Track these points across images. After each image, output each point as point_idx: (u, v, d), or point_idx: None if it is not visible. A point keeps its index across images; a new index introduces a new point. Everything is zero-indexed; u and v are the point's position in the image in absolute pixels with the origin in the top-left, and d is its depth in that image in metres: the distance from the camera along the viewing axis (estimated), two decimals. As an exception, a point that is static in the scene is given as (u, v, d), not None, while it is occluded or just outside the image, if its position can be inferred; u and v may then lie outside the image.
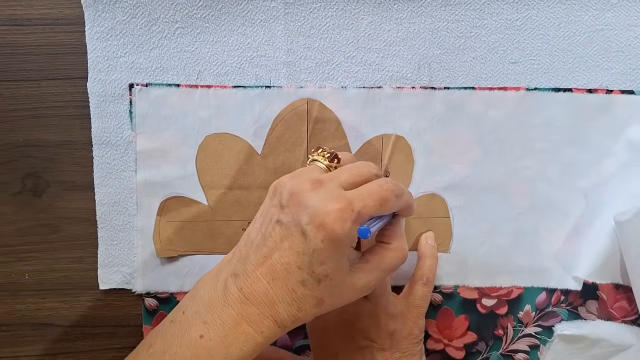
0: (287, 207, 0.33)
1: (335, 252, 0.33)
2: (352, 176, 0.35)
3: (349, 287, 0.35)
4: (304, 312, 0.33)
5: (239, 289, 0.33)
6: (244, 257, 0.34)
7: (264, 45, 0.43)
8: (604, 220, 0.44)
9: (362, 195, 0.33)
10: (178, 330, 0.34)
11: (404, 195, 0.36)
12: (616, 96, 0.44)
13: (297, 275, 0.33)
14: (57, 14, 0.42)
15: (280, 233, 0.33)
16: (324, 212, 0.32)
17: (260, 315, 0.33)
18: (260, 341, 0.33)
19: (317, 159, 0.37)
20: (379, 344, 0.40)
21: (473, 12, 0.43)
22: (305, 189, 0.33)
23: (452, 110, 0.44)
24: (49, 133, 0.43)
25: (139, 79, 0.42)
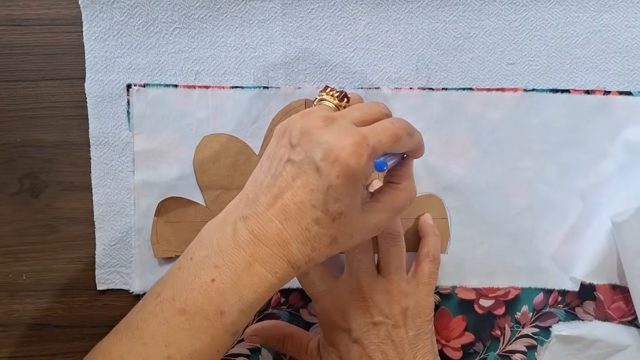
0: (298, 145, 0.33)
1: (350, 189, 0.32)
2: (364, 114, 0.34)
3: (361, 225, 0.34)
4: (317, 251, 0.33)
5: (250, 231, 0.32)
6: (252, 200, 0.33)
7: (261, 46, 0.43)
8: (601, 221, 0.45)
9: (376, 131, 0.33)
10: (187, 276, 0.33)
11: (416, 135, 0.36)
12: (614, 97, 0.44)
13: (311, 214, 0.32)
14: (54, 14, 0.42)
15: (292, 172, 0.32)
16: (339, 146, 0.31)
17: (273, 255, 0.32)
18: (274, 282, 0.32)
19: (325, 98, 0.36)
20: (393, 320, 0.40)
21: (471, 13, 0.43)
22: (318, 126, 0.32)
23: (450, 111, 0.44)
24: (46, 133, 0.43)
25: (137, 79, 0.42)
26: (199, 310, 0.32)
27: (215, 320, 0.32)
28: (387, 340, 0.39)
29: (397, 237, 0.41)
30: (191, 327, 0.32)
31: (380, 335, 0.39)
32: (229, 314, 0.32)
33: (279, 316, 0.46)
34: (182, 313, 0.32)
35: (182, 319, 0.32)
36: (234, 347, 0.46)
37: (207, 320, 0.32)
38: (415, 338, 0.40)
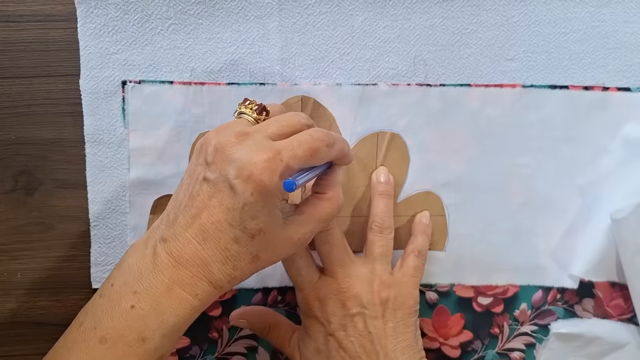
0: (213, 164, 0.32)
1: (267, 205, 0.32)
2: (281, 127, 0.34)
3: (284, 240, 0.34)
4: (239, 269, 0.33)
5: (169, 254, 0.32)
6: (172, 220, 0.33)
7: (258, 42, 0.42)
8: (600, 218, 0.44)
9: (291, 145, 0.33)
10: (107, 303, 0.32)
11: (337, 144, 0.35)
12: (612, 93, 0.44)
13: (229, 233, 0.32)
14: (49, 11, 0.42)
15: (208, 191, 0.32)
16: (251, 163, 0.31)
17: (194, 277, 0.32)
18: (196, 304, 0.32)
19: (244, 112, 0.36)
20: (371, 311, 0.39)
21: (469, 8, 0.43)
22: (231, 142, 0.32)
23: (448, 108, 0.43)
24: (41, 130, 0.43)
25: (132, 76, 0.42)
26: (119, 338, 0.31)
27: (138, 347, 0.31)
28: (365, 332, 0.39)
29: (384, 228, 0.41)
30: (112, 355, 0.31)
31: (357, 327, 0.39)
32: (151, 339, 0.31)
33: (276, 314, 0.46)
34: (104, 341, 0.31)
35: (104, 347, 0.31)
36: (230, 346, 0.46)
37: (129, 347, 0.31)
38: (394, 330, 0.39)
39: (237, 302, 0.46)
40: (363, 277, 0.40)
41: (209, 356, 0.46)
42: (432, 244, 0.45)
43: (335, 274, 0.40)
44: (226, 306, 0.45)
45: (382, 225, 0.41)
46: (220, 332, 0.46)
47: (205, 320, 0.45)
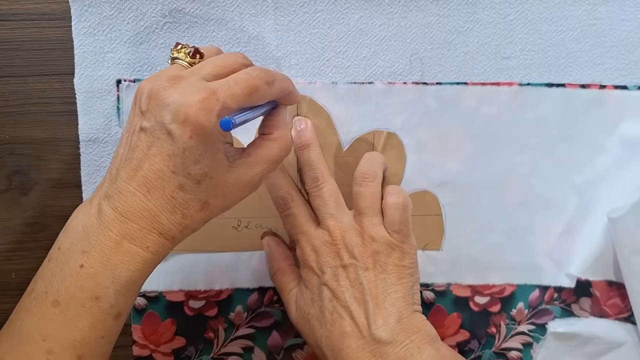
0: (147, 112, 0.31)
1: (208, 147, 0.31)
2: (216, 67, 0.33)
3: (232, 184, 0.33)
4: (189, 218, 0.32)
5: (114, 209, 0.31)
6: (114, 176, 0.32)
7: (253, 40, 0.42)
8: (597, 216, 0.44)
9: (228, 84, 0.32)
10: (56, 266, 0.32)
11: (277, 82, 0.34)
12: (609, 91, 0.44)
13: (173, 181, 0.31)
14: (43, 9, 0.41)
15: (146, 140, 0.31)
16: (186, 105, 0.30)
17: (142, 229, 0.31)
18: (148, 257, 0.32)
19: (177, 57, 0.34)
20: (362, 263, 0.38)
21: (465, 6, 0.42)
22: (163, 87, 0.31)
23: (445, 106, 0.43)
24: (35, 130, 0.42)
25: (127, 74, 0.42)
26: (72, 299, 0.31)
27: (92, 306, 0.31)
28: (356, 282, 0.38)
29: (368, 178, 0.40)
30: (67, 317, 0.31)
31: (349, 278, 0.39)
32: (105, 297, 0.31)
33: (273, 314, 0.46)
34: (56, 304, 0.31)
35: (57, 310, 0.31)
36: (227, 346, 0.46)
37: (82, 307, 0.31)
38: (385, 282, 0.38)
39: (233, 301, 0.45)
40: (353, 229, 0.39)
41: (204, 356, 0.46)
42: (429, 243, 0.45)
43: (327, 226, 0.40)
44: (222, 306, 0.45)
45: (364, 175, 0.40)
46: (216, 332, 0.46)
47: (201, 320, 0.45)
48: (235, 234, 0.44)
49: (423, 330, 0.38)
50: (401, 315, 0.38)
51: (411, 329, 0.38)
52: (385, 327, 0.37)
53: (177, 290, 0.45)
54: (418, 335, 0.38)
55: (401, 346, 0.37)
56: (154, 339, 0.45)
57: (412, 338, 0.37)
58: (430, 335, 0.38)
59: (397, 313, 0.38)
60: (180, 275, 0.44)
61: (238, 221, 0.44)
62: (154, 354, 0.45)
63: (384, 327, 0.37)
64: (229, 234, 0.44)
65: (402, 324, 0.38)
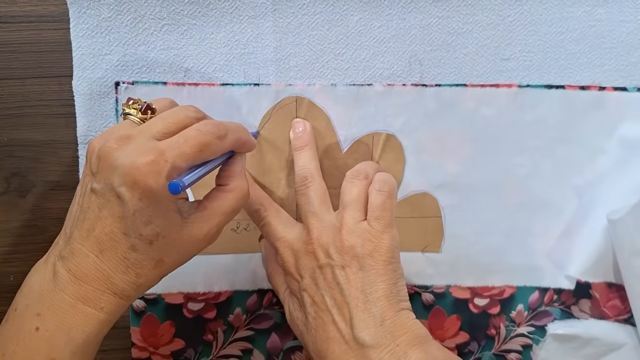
0: (98, 173, 0.31)
1: (159, 208, 0.31)
2: (167, 125, 0.33)
3: (188, 240, 0.33)
4: (144, 277, 0.32)
5: (68, 270, 0.31)
6: (68, 236, 0.33)
7: (252, 42, 0.42)
8: (596, 218, 0.44)
9: (177, 143, 0.31)
10: (12, 327, 0.32)
11: (230, 134, 0.34)
12: (609, 93, 0.43)
13: (125, 242, 0.31)
14: (41, 11, 0.41)
15: (97, 202, 0.31)
16: (134, 167, 0.30)
17: (96, 291, 0.31)
18: (103, 317, 0.32)
19: (129, 113, 0.34)
20: (337, 261, 0.37)
21: (464, 8, 0.42)
22: (112, 149, 0.31)
23: (444, 108, 0.43)
24: (33, 132, 0.42)
25: (125, 76, 0.42)
26: None
27: None
28: (333, 283, 0.37)
29: (358, 176, 0.39)
30: None
31: (327, 279, 0.37)
32: (61, 359, 0.31)
33: (272, 317, 0.46)
34: None
35: None
36: (225, 348, 0.46)
37: None
38: (363, 280, 0.36)
39: (232, 304, 0.45)
40: (331, 226, 0.38)
41: (203, 359, 0.46)
42: (429, 245, 0.45)
43: (308, 225, 0.39)
44: (221, 308, 0.45)
45: (354, 173, 0.40)
46: (215, 334, 0.45)
47: (200, 323, 0.45)
48: (235, 237, 0.44)
49: (410, 331, 0.36)
50: (384, 317, 0.36)
51: (397, 330, 0.35)
52: (368, 330, 0.35)
53: (176, 293, 0.45)
54: (405, 337, 0.35)
55: (386, 350, 0.35)
56: (153, 341, 0.45)
57: (398, 342, 0.35)
58: (419, 336, 0.36)
59: (379, 314, 0.36)
60: (179, 278, 0.44)
61: (237, 223, 0.44)
62: (152, 356, 0.45)
63: (366, 330, 0.35)
64: (228, 236, 0.44)
65: (386, 326, 0.35)
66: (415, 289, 0.46)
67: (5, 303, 0.44)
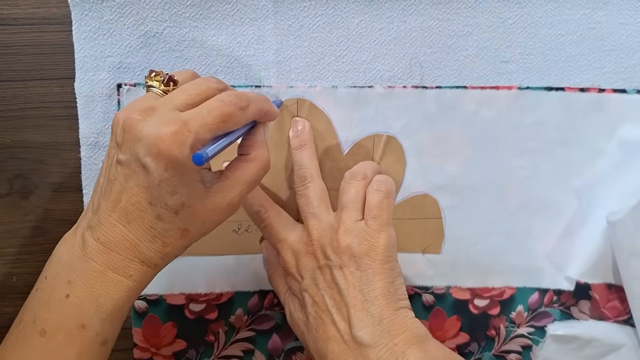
0: (123, 145, 0.32)
1: (184, 178, 0.31)
2: (190, 96, 0.33)
3: (212, 209, 0.33)
4: (170, 246, 0.33)
5: (96, 239, 0.32)
6: (96, 207, 0.33)
7: (253, 45, 0.42)
8: (596, 220, 0.44)
9: (201, 114, 0.32)
10: (43, 296, 0.32)
11: (252, 105, 0.34)
12: (608, 95, 0.44)
13: (151, 212, 0.32)
14: (44, 14, 0.41)
15: (123, 173, 0.32)
16: (158, 138, 0.30)
17: (125, 259, 0.32)
18: (132, 285, 0.32)
19: (152, 85, 0.34)
20: (335, 261, 0.37)
21: (465, 10, 0.43)
22: (137, 120, 0.31)
23: (444, 110, 0.43)
24: (36, 134, 0.43)
25: (127, 78, 0.42)
26: (58, 328, 0.32)
27: (78, 335, 0.32)
28: (332, 283, 0.37)
29: (356, 177, 0.40)
30: (54, 346, 0.31)
31: (326, 279, 0.38)
32: (91, 325, 0.32)
33: (273, 317, 0.46)
34: (43, 334, 0.32)
35: (44, 339, 0.32)
36: (227, 349, 0.46)
37: (69, 336, 0.32)
38: (361, 280, 0.37)
39: (233, 304, 0.45)
40: (330, 226, 0.39)
41: (205, 359, 0.46)
42: (429, 246, 0.45)
43: (308, 226, 0.39)
44: (222, 309, 0.45)
45: (353, 173, 0.40)
46: (216, 335, 0.46)
47: (202, 324, 0.45)
48: (236, 238, 0.44)
49: (409, 330, 0.36)
50: (382, 316, 0.36)
51: (395, 330, 0.36)
52: (366, 330, 0.36)
53: (178, 294, 0.45)
54: (403, 336, 0.36)
55: (384, 349, 0.35)
56: (155, 342, 0.45)
57: (396, 341, 0.35)
58: (418, 335, 0.36)
59: (377, 313, 0.36)
60: (180, 279, 0.44)
61: (239, 225, 0.44)
62: (154, 357, 0.45)
63: (364, 330, 0.36)
64: (230, 237, 0.44)
65: (384, 325, 0.36)
66: (416, 290, 0.46)
67: (9, 304, 0.44)
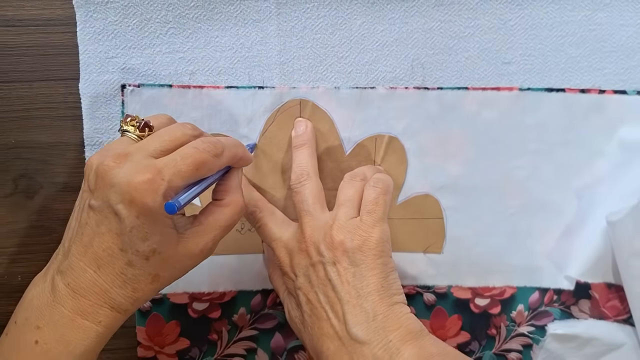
0: (95, 190, 0.32)
1: (156, 225, 0.32)
2: (164, 143, 0.33)
3: (184, 255, 0.34)
4: (140, 291, 0.33)
5: (66, 285, 0.32)
6: (67, 250, 0.33)
7: (256, 46, 0.43)
8: (596, 220, 0.45)
9: (174, 162, 0.32)
10: (13, 341, 0.32)
11: (226, 151, 0.34)
12: (609, 96, 0.44)
13: (122, 258, 0.32)
14: (48, 15, 0.42)
15: (95, 218, 0.32)
16: (131, 186, 0.30)
17: (94, 305, 0.32)
18: (102, 331, 0.32)
19: (127, 130, 0.34)
20: (328, 257, 0.37)
21: (466, 12, 0.43)
22: (110, 166, 0.31)
23: (446, 111, 0.44)
24: (41, 134, 0.43)
25: (131, 79, 0.42)
26: None
27: None
28: (325, 280, 0.37)
29: (355, 178, 0.40)
30: None
31: (319, 276, 0.37)
32: None
33: (275, 316, 0.46)
34: None
35: None
36: (230, 348, 0.46)
37: None
38: (354, 275, 0.36)
39: (236, 303, 0.46)
40: (324, 224, 0.38)
41: (208, 358, 0.46)
42: (430, 246, 0.45)
43: (302, 224, 0.39)
44: (225, 308, 0.46)
45: (353, 174, 0.41)
46: (219, 334, 0.46)
47: (205, 322, 0.46)
48: (239, 237, 0.45)
49: (403, 326, 0.35)
50: (376, 311, 0.35)
51: (389, 325, 0.35)
52: (360, 326, 0.35)
53: (181, 293, 0.45)
54: (398, 332, 0.35)
55: (379, 346, 0.34)
56: (158, 340, 0.45)
57: (391, 337, 0.35)
58: (413, 331, 0.35)
59: (371, 309, 0.35)
60: (184, 278, 0.44)
61: (242, 225, 0.44)
62: (158, 356, 0.46)
63: (359, 326, 0.35)
64: (233, 237, 0.45)
65: (378, 321, 0.35)
66: (417, 289, 0.46)
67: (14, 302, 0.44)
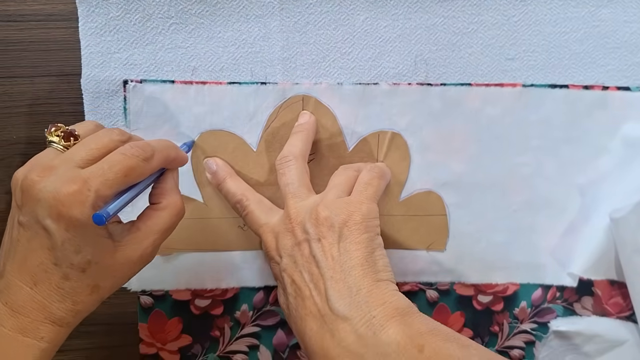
0: (23, 206, 0.31)
1: (87, 237, 0.31)
2: (90, 151, 0.32)
3: (122, 263, 0.33)
4: (81, 303, 0.32)
5: (4, 304, 0.31)
6: (2, 269, 0.32)
7: (259, 41, 0.42)
8: (599, 216, 0.45)
9: (101, 170, 0.31)
10: None
11: (157, 154, 0.34)
12: (612, 93, 0.44)
13: (57, 272, 0.31)
14: (50, 10, 0.42)
15: (25, 234, 0.31)
16: (57, 199, 0.30)
17: (34, 322, 0.31)
18: (45, 347, 0.32)
19: (52, 141, 0.34)
20: (313, 234, 0.36)
21: (469, 8, 0.43)
22: (35, 181, 0.31)
23: (449, 107, 0.44)
24: (42, 130, 0.42)
25: (133, 75, 0.42)
26: None
27: None
28: (310, 257, 0.36)
29: (350, 168, 0.41)
30: None
31: (304, 255, 0.36)
32: None
33: (278, 313, 0.46)
34: None
35: None
36: (232, 344, 0.46)
37: None
38: (339, 250, 0.35)
39: (238, 300, 0.46)
40: (312, 203, 0.37)
41: (210, 354, 0.46)
42: (433, 243, 0.45)
43: (287, 205, 0.38)
44: (227, 305, 0.46)
45: (348, 165, 0.41)
46: (222, 330, 0.46)
47: (207, 319, 0.46)
48: (241, 233, 0.45)
49: (388, 302, 0.34)
50: (360, 286, 0.34)
51: (373, 301, 0.34)
52: (342, 301, 0.34)
53: (184, 289, 0.45)
54: (382, 308, 0.33)
55: (362, 322, 0.33)
56: (161, 337, 0.45)
57: (374, 313, 0.33)
58: (399, 307, 0.34)
59: (354, 284, 0.34)
60: (186, 274, 0.45)
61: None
62: (160, 352, 0.46)
63: (341, 301, 0.34)
64: (235, 233, 0.44)
65: (362, 295, 0.34)
66: (420, 286, 0.46)
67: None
